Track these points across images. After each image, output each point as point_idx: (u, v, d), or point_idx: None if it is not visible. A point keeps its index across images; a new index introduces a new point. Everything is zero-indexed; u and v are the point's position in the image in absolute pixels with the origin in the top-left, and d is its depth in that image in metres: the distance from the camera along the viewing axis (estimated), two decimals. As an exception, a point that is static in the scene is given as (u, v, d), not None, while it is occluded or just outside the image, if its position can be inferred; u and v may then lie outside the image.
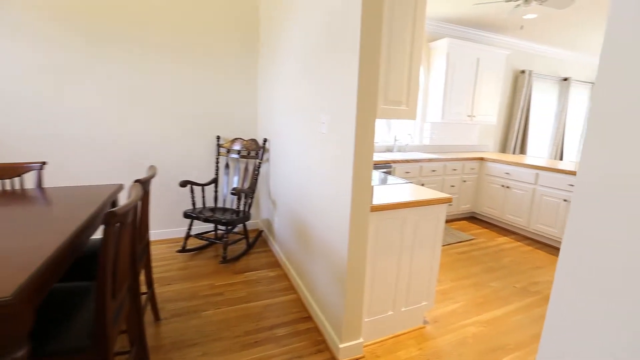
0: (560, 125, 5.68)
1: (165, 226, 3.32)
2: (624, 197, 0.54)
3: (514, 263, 3.11)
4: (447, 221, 4.24)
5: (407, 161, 3.67)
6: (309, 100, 2.05)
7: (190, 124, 3.22)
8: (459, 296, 2.48)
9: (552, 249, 3.48)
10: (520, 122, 5.16)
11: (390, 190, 2.00)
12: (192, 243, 3.25)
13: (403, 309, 1.98)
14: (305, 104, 2.13)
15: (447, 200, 1.89)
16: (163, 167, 3.20)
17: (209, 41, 3.15)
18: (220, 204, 3.46)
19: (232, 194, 2.74)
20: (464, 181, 4.16)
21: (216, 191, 3.27)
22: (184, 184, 2.86)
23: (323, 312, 1.98)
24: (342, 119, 1.61)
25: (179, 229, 3.38)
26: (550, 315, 0.67)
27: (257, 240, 3.39)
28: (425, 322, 2.13)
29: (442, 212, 1.93)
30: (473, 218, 4.45)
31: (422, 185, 3.85)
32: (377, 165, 3.50)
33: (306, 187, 2.18)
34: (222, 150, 3.35)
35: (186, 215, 2.85)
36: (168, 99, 3.09)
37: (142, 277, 2.41)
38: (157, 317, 2.04)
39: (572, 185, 3.24)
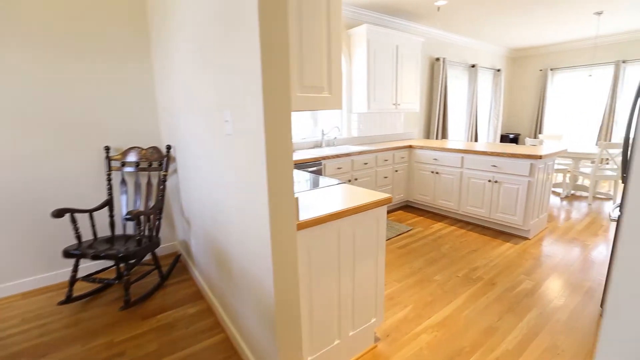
0: (472, 109, 6.06)
1: (44, 270, 2.55)
2: None
3: (452, 249, 3.08)
4: (384, 213, 4.14)
5: (338, 156, 3.42)
6: (209, 94, 1.60)
7: (65, 135, 2.49)
8: (407, 298, 2.30)
9: (482, 228, 3.57)
10: (439, 108, 5.34)
11: (321, 197, 1.68)
12: (83, 287, 2.55)
13: (351, 333, 1.68)
14: (205, 99, 1.68)
15: (387, 201, 1.64)
16: (28, 194, 2.43)
17: (85, 26, 2.45)
18: (119, 231, 2.79)
19: (127, 219, 2.15)
20: (396, 171, 4.09)
21: (112, 216, 2.60)
22: (59, 213, 2.17)
23: (256, 358, 1.59)
24: (247, 115, 1.22)
25: (65, 271, 2.64)
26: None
27: (175, 267, 2.82)
28: (377, 340, 1.88)
29: (382, 215, 1.68)
30: (408, 207, 4.44)
31: (356, 180, 3.65)
32: (306, 164, 3.17)
33: (218, 203, 1.74)
34: (115, 163, 2.69)
35: (67, 254, 2.17)
36: (29, 102, 2.33)
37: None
38: (15, 415, 1.42)
39: (495, 166, 3.33)
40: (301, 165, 3.14)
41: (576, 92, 6.55)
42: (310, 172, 3.23)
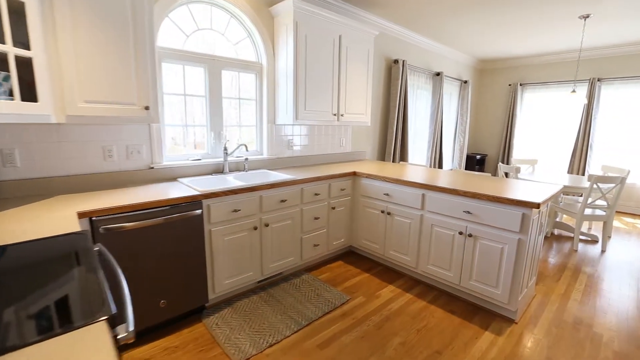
0: (436, 125, 5.10)
1: None
2: None
3: (405, 350, 1.92)
4: (316, 267, 2.94)
5: (234, 192, 2.17)
6: None
7: None
8: None
9: (450, 298, 2.47)
10: (398, 122, 4.29)
11: None
12: None
13: None
14: None
15: None
16: None
17: None
18: None
19: None
20: (333, 208, 2.91)
21: None
22: None
23: None
24: None
25: None
26: None
27: None
28: None
29: None
30: (351, 254, 3.27)
31: (267, 225, 2.42)
32: (168, 208, 1.89)
33: None
34: None
35: None
36: None
37: None
38: None
39: (469, 213, 2.25)
40: (154, 212, 1.85)
41: (547, 111, 5.86)
42: (190, 217, 1.96)
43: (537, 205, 1.94)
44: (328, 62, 3.02)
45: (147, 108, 2.00)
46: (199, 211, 2.03)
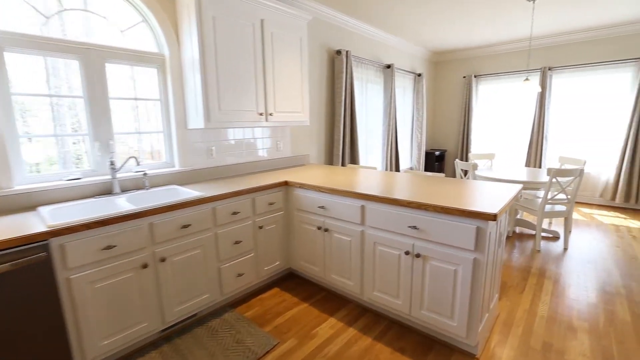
0: (390, 122, 4.74)
1: None
2: None
3: (338, 419, 1.45)
4: (244, 300, 2.41)
5: (102, 223, 1.60)
6: None
7: None
8: None
9: (401, 330, 2.03)
10: (345, 120, 3.86)
11: None
12: None
13: None
14: None
15: None
16: None
17: None
18: None
19: None
20: (260, 227, 2.40)
21: None
22: None
23: None
24: None
25: None
26: None
27: None
28: None
29: None
30: (292, 276, 2.78)
31: (163, 260, 1.86)
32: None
33: None
34: None
35: None
36: None
37: None
38: None
39: (415, 228, 1.83)
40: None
41: (503, 103, 5.70)
42: (31, 265, 1.37)
43: (494, 217, 1.54)
44: (248, 52, 2.51)
45: (-46, 113, 1.39)
46: (43, 254, 1.45)
